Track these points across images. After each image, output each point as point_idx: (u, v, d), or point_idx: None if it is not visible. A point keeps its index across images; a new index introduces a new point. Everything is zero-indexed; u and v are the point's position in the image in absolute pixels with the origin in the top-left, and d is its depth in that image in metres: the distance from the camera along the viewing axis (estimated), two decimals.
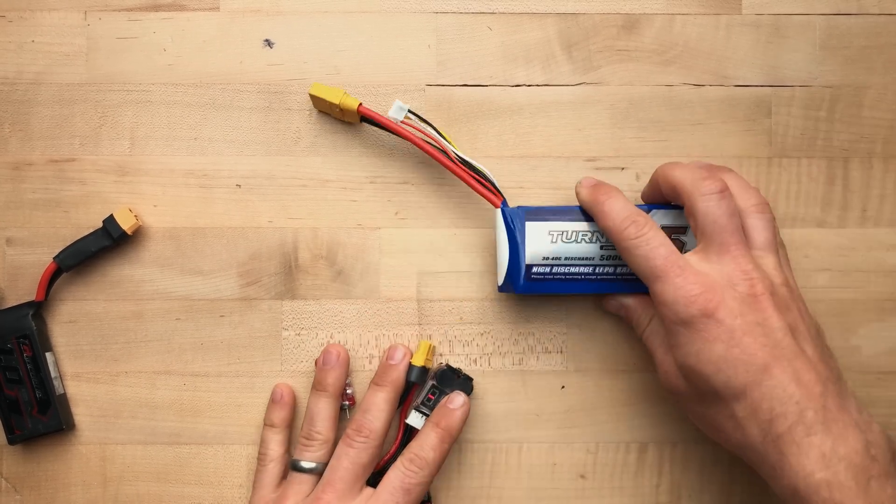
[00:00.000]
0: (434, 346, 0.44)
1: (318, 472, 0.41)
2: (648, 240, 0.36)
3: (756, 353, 0.34)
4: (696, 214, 0.37)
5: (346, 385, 0.43)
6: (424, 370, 0.43)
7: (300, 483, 0.41)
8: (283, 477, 0.42)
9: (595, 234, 0.41)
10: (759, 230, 0.37)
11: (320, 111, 0.44)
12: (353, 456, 0.40)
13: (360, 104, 0.42)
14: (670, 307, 0.35)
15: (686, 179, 0.37)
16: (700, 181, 0.37)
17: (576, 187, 0.41)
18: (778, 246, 0.38)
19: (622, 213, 0.38)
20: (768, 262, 0.37)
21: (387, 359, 0.43)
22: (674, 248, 0.36)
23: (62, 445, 0.44)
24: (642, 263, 0.36)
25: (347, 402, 0.43)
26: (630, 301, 0.42)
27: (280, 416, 0.43)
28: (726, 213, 0.36)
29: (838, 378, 0.35)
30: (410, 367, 0.42)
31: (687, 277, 0.35)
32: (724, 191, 0.37)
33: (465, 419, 0.42)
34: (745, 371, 0.34)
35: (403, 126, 0.42)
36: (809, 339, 0.35)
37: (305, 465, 0.41)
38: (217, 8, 0.45)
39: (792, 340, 0.34)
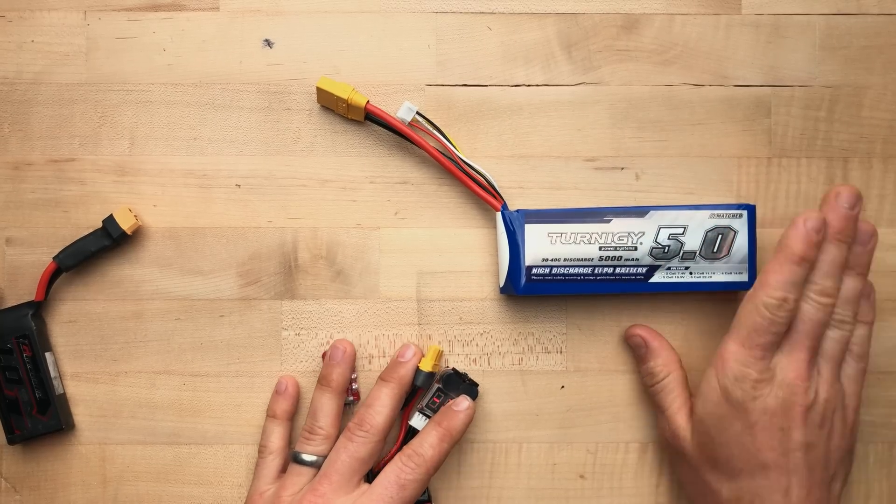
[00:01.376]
0: (442, 351, 0.44)
1: (319, 466, 0.41)
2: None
3: (761, 451, 0.37)
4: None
5: (352, 381, 0.43)
6: (431, 375, 0.42)
7: (299, 475, 0.41)
8: (283, 470, 0.42)
9: (593, 236, 0.41)
10: (832, 340, 0.39)
11: (322, 106, 0.44)
12: (353, 450, 0.40)
13: (368, 101, 0.42)
14: (729, 366, 0.38)
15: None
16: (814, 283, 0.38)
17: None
18: (842, 359, 0.39)
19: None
20: (825, 373, 0.38)
21: (397, 356, 0.43)
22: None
23: (62, 445, 0.44)
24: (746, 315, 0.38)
25: (352, 398, 0.43)
26: (654, 343, 0.43)
27: (282, 407, 0.43)
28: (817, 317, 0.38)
29: None
30: (417, 371, 0.42)
31: (756, 361, 0.37)
32: (831, 295, 0.38)
33: (468, 423, 0.42)
34: (747, 460, 0.37)
35: (411, 128, 0.42)
36: (821, 463, 0.37)
37: (306, 457, 0.41)
38: (217, 8, 0.45)
39: (802, 456, 0.37)
